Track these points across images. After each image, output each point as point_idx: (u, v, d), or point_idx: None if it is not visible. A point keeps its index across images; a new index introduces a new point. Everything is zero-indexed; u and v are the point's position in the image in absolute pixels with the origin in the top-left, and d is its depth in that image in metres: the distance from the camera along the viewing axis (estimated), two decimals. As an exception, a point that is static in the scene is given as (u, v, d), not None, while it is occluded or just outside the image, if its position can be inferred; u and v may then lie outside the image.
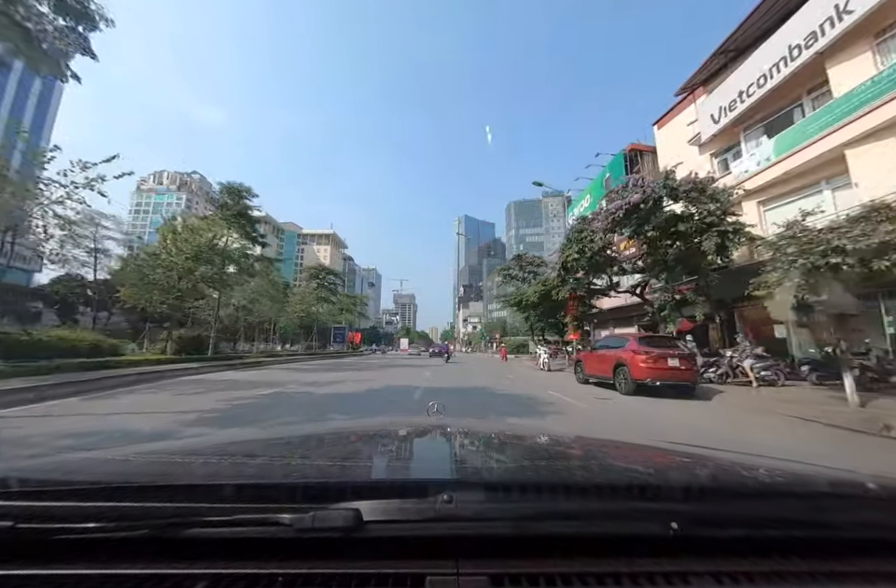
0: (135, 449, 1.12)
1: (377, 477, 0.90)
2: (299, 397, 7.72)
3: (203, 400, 6.88)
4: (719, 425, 5.84)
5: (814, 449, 4.43)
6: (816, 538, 0.60)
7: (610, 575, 0.53)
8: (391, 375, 13.69)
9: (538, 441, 1.42)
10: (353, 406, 6.55)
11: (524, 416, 5.77)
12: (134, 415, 5.54)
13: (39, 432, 4.23)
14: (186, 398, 7.34)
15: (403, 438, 1.37)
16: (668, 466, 1.07)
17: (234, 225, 17.90)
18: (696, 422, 5.98)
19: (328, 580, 0.51)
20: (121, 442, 3.79)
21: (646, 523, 0.60)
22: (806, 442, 4.77)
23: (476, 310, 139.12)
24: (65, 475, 0.76)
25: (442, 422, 1.59)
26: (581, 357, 11.95)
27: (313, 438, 1.38)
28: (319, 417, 5.46)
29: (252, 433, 2.58)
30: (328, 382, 10.61)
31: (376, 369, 17.22)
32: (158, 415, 5.47)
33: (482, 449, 1.27)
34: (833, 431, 5.24)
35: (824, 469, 0.91)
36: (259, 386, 9.15)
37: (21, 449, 3.55)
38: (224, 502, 0.61)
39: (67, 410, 5.89)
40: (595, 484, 0.77)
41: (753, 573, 0.54)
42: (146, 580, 0.51)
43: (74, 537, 0.55)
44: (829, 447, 4.57)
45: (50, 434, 4.14)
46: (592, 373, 10.80)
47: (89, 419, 5.14)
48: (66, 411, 5.82)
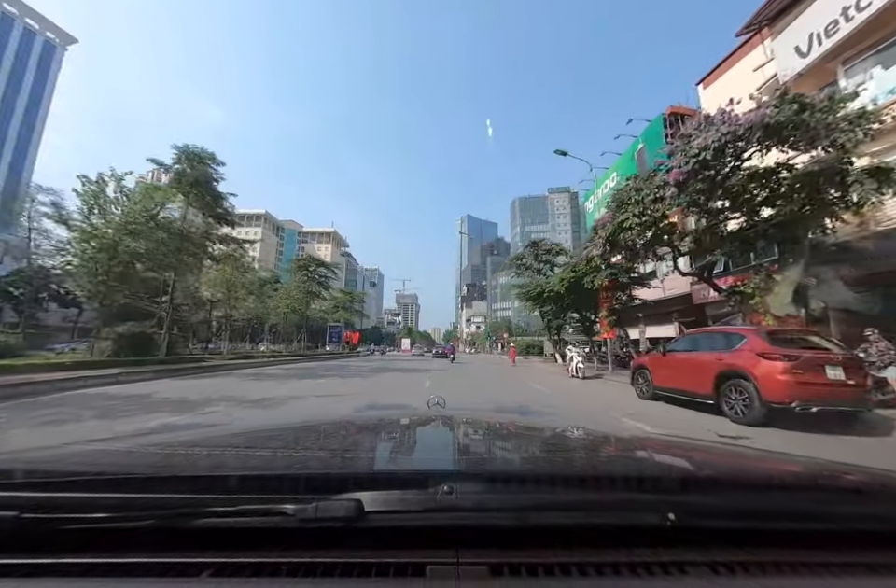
0: (140, 440, 1.13)
1: (379, 468, 0.91)
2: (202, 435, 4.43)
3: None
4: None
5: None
6: (811, 529, 0.60)
7: (609, 565, 0.53)
8: (381, 386, 10.36)
9: (537, 432, 1.45)
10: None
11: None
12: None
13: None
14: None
15: (405, 429, 1.41)
16: (666, 457, 1.09)
17: (192, 195, 14.63)
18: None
19: (330, 568, 0.52)
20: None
21: (643, 513, 0.60)
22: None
23: (480, 309, 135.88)
24: (71, 466, 0.77)
25: (443, 414, 1.61)
26: (645, 362, 8.45)
27: (315, 429, 1.38)
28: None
29: (256, 425, 2.35)
30: (284, 397, 7.29)
31: (366, 374, 13.93)
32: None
33: (482, 440, 1.30)
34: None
35: (820, 461, 0.96)
36: (161, 410, 5.78)
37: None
38: (228, 493, 0.61)
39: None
40: (593, 476, 0.78)
41: (749, 563, 0.54)
42: (151, 568, 0.52)
43: (79, 527, 0.56)
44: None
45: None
46: (667, 386, 7.38)
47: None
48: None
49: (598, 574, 0.52)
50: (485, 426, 1.51)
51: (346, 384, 10.55)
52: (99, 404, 6.16)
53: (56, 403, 6.25)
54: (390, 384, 10.96)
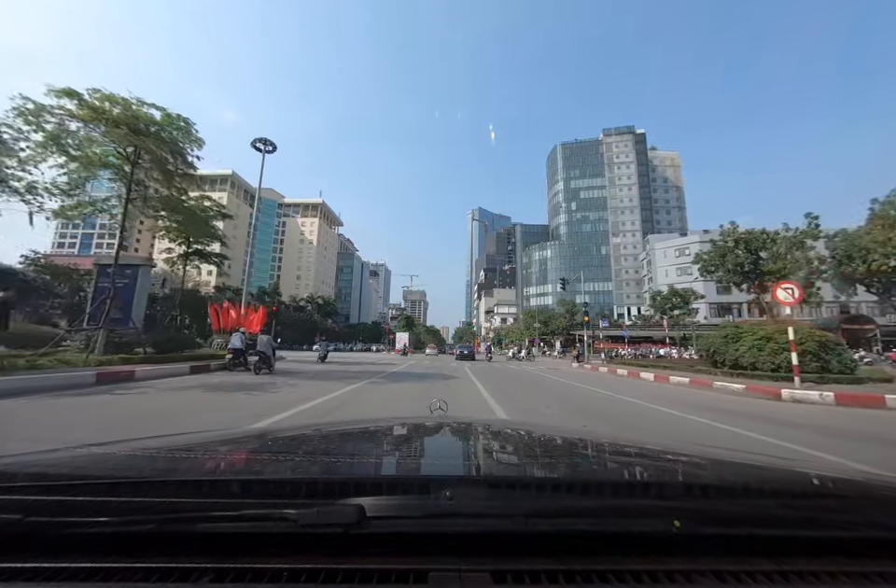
0: (142, 444, 1.13)
1: (380, 474, 0.90)
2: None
3: None
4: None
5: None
6: (819, 537, 0.60)
7: (613, 572, 0.52)
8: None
9: (540, 438, 1.41)
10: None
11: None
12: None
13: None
14: None
15: (407, 435, 1.40)
16: (671, 464, 1.07)
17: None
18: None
19: (331, 575, 0.51)
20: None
21: (648, 520, 0.59)
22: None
23: (505, 297, 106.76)
24: (73, 470, 0.78)
25: (445, 419, 1.60)
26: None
27: (316, 435, 1.35)
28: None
29: (257, 430, 2.59)
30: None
31: None
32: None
33: (485, 446, 1.27)
34: None
35: (828, 468, 0.96)
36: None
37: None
38: (229, 497, 0.62)
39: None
40: (597, 482, 0.77)
41: (756, 572, 0.53)
42: (152, 573, 0.51)
43: (81, 530, 0.56)
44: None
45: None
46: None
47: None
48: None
49: (602, 582, 0.51)
50: (488, 431, 1.49)
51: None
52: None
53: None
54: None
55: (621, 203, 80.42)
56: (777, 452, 3.56)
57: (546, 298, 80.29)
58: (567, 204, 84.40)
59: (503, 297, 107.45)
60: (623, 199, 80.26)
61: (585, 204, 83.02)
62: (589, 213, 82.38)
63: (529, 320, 52.07)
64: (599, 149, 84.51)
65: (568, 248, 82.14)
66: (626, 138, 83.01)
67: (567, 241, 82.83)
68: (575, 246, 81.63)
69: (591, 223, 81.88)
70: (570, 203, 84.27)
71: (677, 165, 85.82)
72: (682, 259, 58.35)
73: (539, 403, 6.83)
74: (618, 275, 77.70)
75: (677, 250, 59.68)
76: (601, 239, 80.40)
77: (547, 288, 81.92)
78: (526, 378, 12.71)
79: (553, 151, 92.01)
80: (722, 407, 6.66)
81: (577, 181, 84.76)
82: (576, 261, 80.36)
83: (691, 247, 58.40)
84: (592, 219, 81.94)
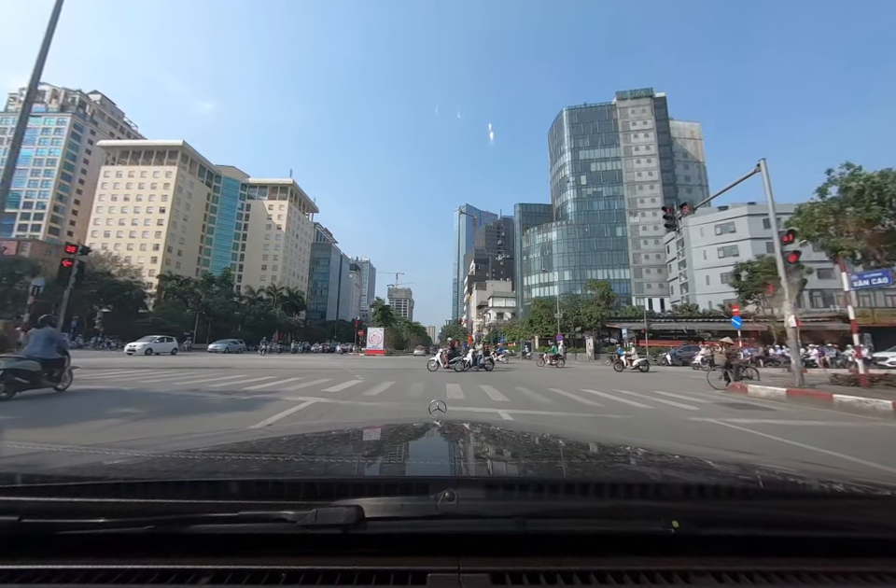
0: (139, 444, 1.14)
1: (379, 474, 0.90)
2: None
3: None
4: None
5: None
6: (817, 537, 0.60)
7: (612, 573, 0.53)
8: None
9: (539, 438, 1.41)
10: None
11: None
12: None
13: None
14: None
15: (405, 436, 1.38)
16: (669, 464, 1.07)
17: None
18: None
19: (330, 575, 0.51)
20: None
21: (647, 521, 0.60)
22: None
23: (501, 289, 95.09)
24: (70, 471, 0.79)
25: (444, 420, 1.59)
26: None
27: (315, 435, 1.35)
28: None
29: (256, 431, 2.54)
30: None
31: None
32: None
33: (483, 447, 1.27)
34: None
35: (826, 468, 0.96)
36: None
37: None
38: (228, 498, 0.62)
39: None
40: (596, 482, 0.76)
41: (754, 572, 0.54)
42: (150, 574, 0.51)
43: (79, 532, 0.56)
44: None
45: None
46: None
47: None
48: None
49: (601, 582, 0.51)
50: (486, 431, 1.48)
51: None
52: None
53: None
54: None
55: (639, 176, 69.13)
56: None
57: (551, 288, 68.55)
58: (576, 178, 72.63)
59: (498, 289, 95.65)
60: (642, 172, 69.04)
61: (597, 178, 71.48)
62: (602, 188, 70.87)
63: (541, 311, 40.10)
64: (612, 115, 73.25)
65: (577, 229, 70.41)
66: (644, 103, 71.88)
67: (576, 221, 71.08)
68: (585, 227, 69.99)
69: (604, 200, 70.44)
70: (579, 176, 72.56)
71: (697, 138, 75.27)
72: (726, 237, 47.51)
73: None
74: (636, 261, 66.66)
75: (718, 226, 48.47)
76: (616, 218, 69.02)
77: (552, 277, 70.16)
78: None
79: (557, 119, 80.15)
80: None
81: (586, 152, 73.27)
82: (586, 245, 69.13)
83: (736, 223, 47.84)
84: (605, 195, 70.52)
